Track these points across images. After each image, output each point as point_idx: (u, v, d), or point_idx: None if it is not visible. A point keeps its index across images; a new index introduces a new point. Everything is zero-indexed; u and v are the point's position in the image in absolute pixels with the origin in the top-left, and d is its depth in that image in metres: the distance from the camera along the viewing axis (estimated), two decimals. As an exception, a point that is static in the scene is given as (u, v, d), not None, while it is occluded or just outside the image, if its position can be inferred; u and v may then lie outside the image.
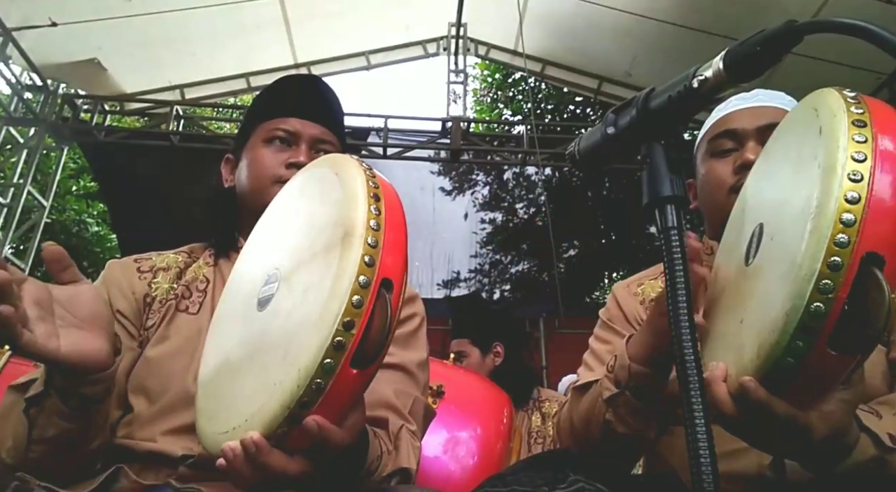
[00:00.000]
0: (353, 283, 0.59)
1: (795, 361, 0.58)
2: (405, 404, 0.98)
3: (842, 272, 0.54)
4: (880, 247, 0.54)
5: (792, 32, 0.56)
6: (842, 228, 0.54)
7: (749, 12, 4.52)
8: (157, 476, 0.88)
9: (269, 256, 0.78)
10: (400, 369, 1.02)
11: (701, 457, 0.53)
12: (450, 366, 2.34)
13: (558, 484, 0.85)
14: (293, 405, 0.59)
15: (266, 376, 0.63)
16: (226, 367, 0.75)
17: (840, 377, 0.61)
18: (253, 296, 0.75)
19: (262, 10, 5.37)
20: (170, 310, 1.02)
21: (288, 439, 0.61)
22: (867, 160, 0.55)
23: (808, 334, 0.56)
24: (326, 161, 0.78)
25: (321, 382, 0.58)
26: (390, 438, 0.89)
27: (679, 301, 0.58)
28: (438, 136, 6.01)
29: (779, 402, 0.62)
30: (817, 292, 0.55)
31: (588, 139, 0.76)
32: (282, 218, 0.83)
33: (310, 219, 0.73)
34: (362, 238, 0.61)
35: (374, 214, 0.64)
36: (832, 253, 0.54)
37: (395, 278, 0.62)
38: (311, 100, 1.14)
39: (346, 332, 0.59)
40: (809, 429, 0.64)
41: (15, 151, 5.65)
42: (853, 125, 0.57)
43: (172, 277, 1.07)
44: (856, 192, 0.54)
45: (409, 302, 1.11)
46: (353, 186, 0.66)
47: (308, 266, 0.67)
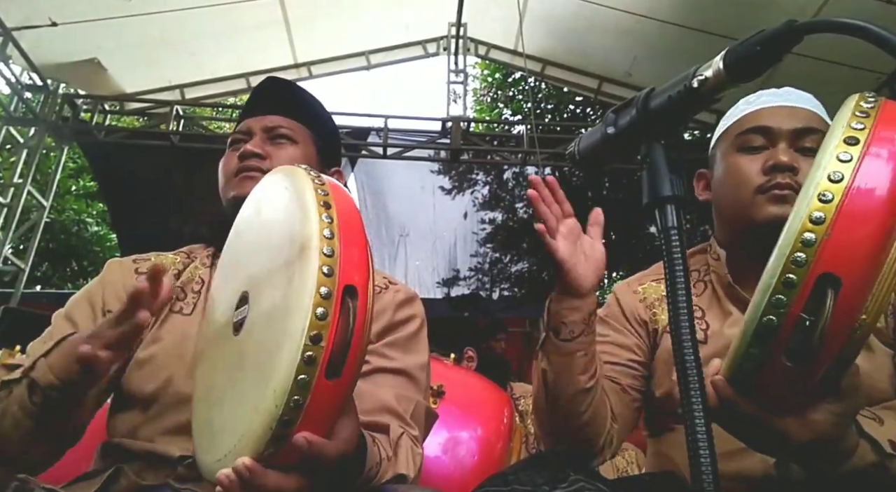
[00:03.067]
0: (314, 295, 0.59)
1: (752, 367, 0.61)
2: (406, 409, 0.97)
3: (795, 290, 0.56)
4: (838, 269, 0.54)
5: (792, 32, 0.56)
6: (800, 247, 0.55)
7: (749, 12, 4.52)
8: (156, 476, 0.88)
9: (238, 278, 0.78)
10: (401, 373, 1.01)
11: (701, 457, 0.53)
12: (450, 366, 2.34)
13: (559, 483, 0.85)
14: (275, 425, 0.59)
15: (247, 400, 0.63)
16: (212, 397, 0.74)
17: (805, 385, 0.62)
18: (228, 320, 0.74)
19: (262, 10, 5.37)
20: (163, 311, 1.02)
21: (279, 458, 0.61)
22: (843, 180, 0.55)
23: (762, 344, 0.59)
24: (278, 174, 0.77)
25: (298, 398, 0.58)
26: (391, 444, 0.89)
27: (679, 301, 0.58)
28: (438, 136, 6.00)
29: (744, 402, 0.65)
30: (770, 306, 0.57)
31: (588, 139, 0.76)
32: (245, 237, 0.83)
33: (268, 236, 0.73)
34: (317, 249, 0.61)
35: (325, 222, 0.63)
36: (788, 270, 0.56)
37: (358, 283, 0.62)
38: (265, 95, 1.17)
39: (314, 345, 0.58)
40: (785, 433, 0.66)
41: (15, 151, 5.64)
42: (844, 142, 0.57)
43: (170, 278, 1.06)
44: (822, 212, 0.55)
45: (408, 303, 1.11)
46: (303, 198, 0.66)
47: (271, 284, 0.67)
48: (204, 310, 1.02)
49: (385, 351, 1.02)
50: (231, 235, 0.87)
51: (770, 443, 0.70)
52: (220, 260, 0.89)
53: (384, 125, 5.88)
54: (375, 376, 0.98)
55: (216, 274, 0.90)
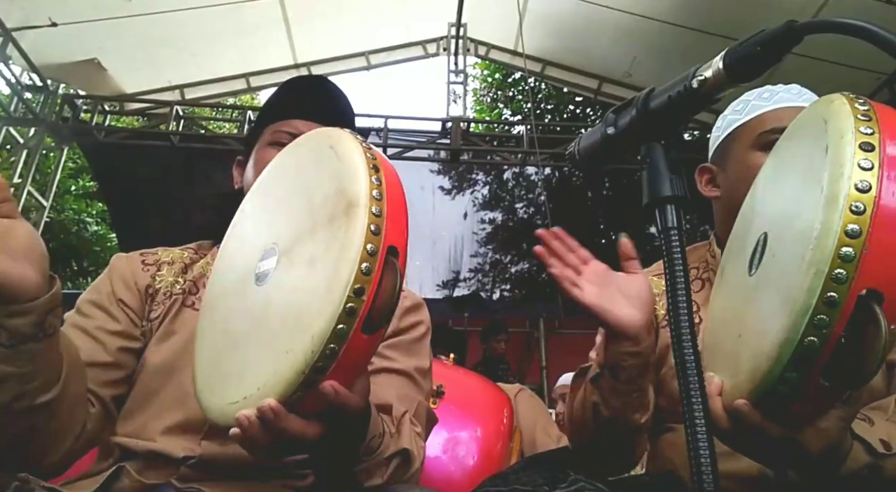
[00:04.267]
0: (361, 251, 0.61)
1: (788, 391, 0.58)
2: (409, 408, 0.98)
3: (838, 309, 0.52)
4: (879, 283, 0.52)
5: (792, 32, 0.56)
6: (840, 264, 0.52)
7: (749, 12, 4.52)
8: (158, 475, 0.88)
9: (263, 231, 0.78)
10: (403, 374, 1.02)
11: (701, 457, 0.53)
12: (449, 366, 2.34)
13: (559, 483, 0.85)
14: (308, 370, 0.60)
15: (275, 344, 0.64)
16: (225, 341, 0.75)
17: (834, 404, 0.61)
18: (249, 272, 0.75)
19: (262, 10, 5.37)
20: (175, 304, 1.02)
21: (303, 404, 0.62)
22: (871, 190, 0.52)
23: (801, 367, 0.56)
24: (320, 135, 0.78)
25: (335, 346, 0.60)
26: (393, 421, 0.90)
27: (679, 301, 0.58)
28: (438, 136, 6.01)
29: (772, 425, 0.63)
30: (812, 327, 0.54)
31: (588, 139, 0.76)
32: (273, 193, 0.83)
33: (306, 192, 0.73)
34: (366, 208, 0.63)
35: (375, 184, 0.65)
36: (829, 289, 0.52)
37: (399, 246, 0.64)
38: (316, 101, 1.14)
39: (356, 298, 0.60)
40: (804, 445, 0.65)
41: (15, 151, 5.64)
42: (860, 149, 0.54)
43: (177, 271, 1.07)
44: (857, 225, 0.52)
45: (414, 310, 1.11)
46: (352, 158, 0.67)
47: (311, 238, 0.68)
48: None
49: (388, 353, 1.03)
50: (254, 189, 0.87)
51: (787, 457, 0.68)
52: (240, 213, 0.89)
53: (384, 125, 5.88)
54: (377, 376, 0.99)
55: (233, 225, 0.89)
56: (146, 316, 1.02)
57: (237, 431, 0.63)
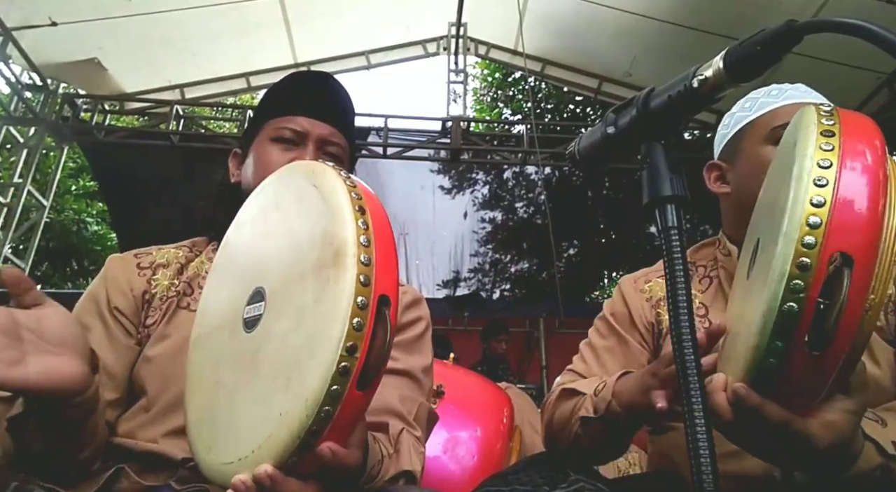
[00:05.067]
0: (351, 305, 0.58)
1: (778, 362, 0.60)
2: (410, 411, 0.97)
3: (811, 272, 0.56)
4: (848, 246, 0.56)
5: (792, 32, 0.56)
6: (808, 231, 0.57)
7: (749, 12, 4.52)
8: (157, 477, 0.88)
9: (249, 272, 0.76)
10: (405, 374, 1.01)
11: (701, 457, 0.53)
12: (449, 366, 2.34)
13: (559, 483, 0.85)
14: (303, 434, 0.58)
15: (270, 404, 0.62)
16: (218, 391, 0.73)
17: (828, 377, 0.61)
18: (237, 315, 0.73)
19: (262, 10, 5.37)
20: (171, 307, 1.01)
21: (300, 467, 0.61)
22: (832, 167, 0.58)
23: (785, 334, 0.58)
24: (300, 170, 0.74)
25: (329, 409, 0.58)
26: (390, 441, 0.89)
27: (679, 301, 0.58)
28: (438, 135, 6.01)
29: (771, 405, 0.63)
30: (789, 292, 0.57)
31: (588, 139, 0.76)
32: (256, 230, 0.81)
33: (290, 234, 0.71)
34: (355, 257, 0.60)
35: (362, 229, 0.62)
36: (801, 254, 0.57)
37: (390, 293, 0.62)
38: (321, 98, 1.12)
39: (349, 356, 0.58)
40: (811, 437, 0.64)
41: (15, 151, 5.64)
42: (821, 135, 0.61)
43: (173, 273, 1.06)
44: (821, 196, 0.57)
45: (414, 306, 1.10)
46: (337, 200, 0.64)
47: (298, 286, 0.65)
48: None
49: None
50: (236, 222, 0.85)
51: (794, 450, 0.67)
52: (225, 242, 0.87)
53: (384, 125, 5.89)
54: None
55: (218, 255, 0.87)
56: (142, 322, 1.01)
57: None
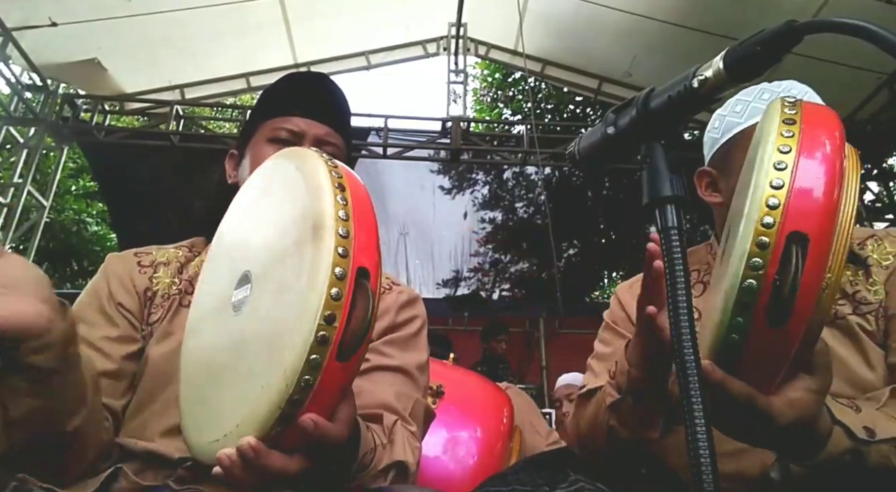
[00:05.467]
0: (329, 275, 0.59)
1: (740, 338, 0.63)
2: (405, 407, 0.97)
3: (769, 250, 0.60)
4: (804, 226, 0.59)
5: (792, 32, 0.56)
6: (767, 211, 0.60)
7: (749, 12, 4.52)
8: (155, 477, 0.88)
9: (238, 257, 0.77)
10: (400, 371, 1.01)
11: (701, 457, 0.53)
12: (449, 366, 2.34)
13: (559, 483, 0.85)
14: (284, 405, 0.59)
15: (252, 379, 0.63)
16: (206, 374, 0.73)
17: (787, 353, 0.63)
18: (226, 300, 0.73)
19: (262, 10, 5.37)
20: (173, 305, 1.02)
21: (283, 439, 0.61)
22: (791, 151, 0.62)
23: (746, 310, 0.61)
24: (286, 155, 0.76)
25: (309, 378, 0.58)
26: (384, 431, 0.89)
27: (679, 301, 0.58)
28: (438, 135, 6.01)
29: (734, 381, 0.65)
30: (749, 269, 0.60)
31: (588, 139, 0.76)
32: (246, 217, 0.82)
33: (275, 216, 0.72)
34: (333, 229, 0.61)
35: (340, 204, 0.63)
36: (760, 233, 0.60)
37: (370, 266, 0.62)
38: (318, 98, 1.12)
39: (328, 325, 0.58)
40: (772, 413, 0.66)
41: (15, 151, 5.64)
42: (783, 123, 0.64)
43: (173, 271, 1.07)
44: (780, 179, 0.61)
45: (410, 305, 1.11)
46: (317, 178, 0.66)
47: (280, 265, 0.66)
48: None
49: (384, 349, 1.02)
50: (229, 212, 0.86)
51: (756, 427, 0.69)
52: (218, 232, 0.87)
53: (384, 125, 5.89)
54: (374, 374, 0.98)
55: (212, 245, 0.88)
56: (146, 320, 1.01)
57: (219, 470, 0.61)
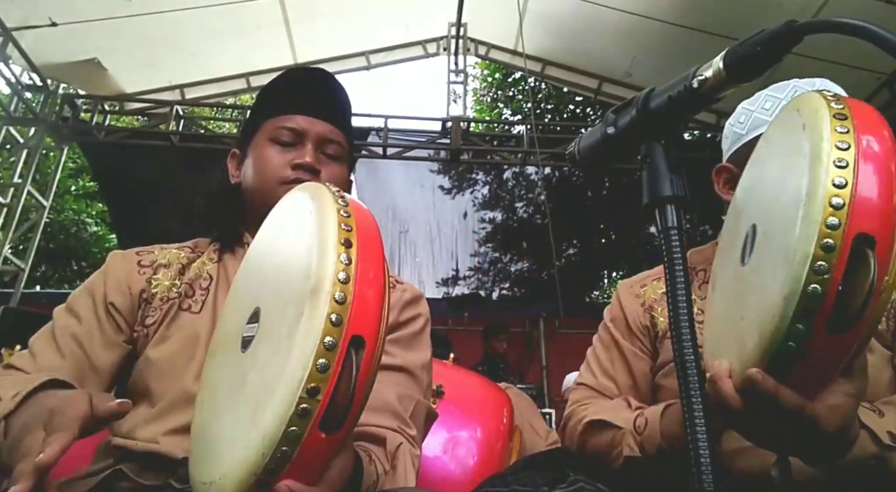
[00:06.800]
0: (317, 345, 0.57)
1: (797, 346, 0.59)
2: (406, 409, 0.97)
3: (835, 253, 0.56)
4: (870, 227, 0.56)
5: (792, 32, 0.56)
6: (832, 212, 0.56)
7: (749, 12, 4.52)
8: (157, 477, 0.87)
9: (254, 289, 0.76)
10: (403, 371, 1.01)
11: (701, 457, 0.53)
12: (449, 366, 2.34)
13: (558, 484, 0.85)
14: (260, 473, 0.57)
15: (238, 432, 0.62)
16: (212, 408, 0.73)
17: (842, 361, 0.61)
18: (239, 333, 0.73)
19: (262, 10, 5.37)
20: (172, 308, 1.01)
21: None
22: (851, 148, 0.58)
23: (808, 316, 0.57)
24: (306, 191, 0.74)
25: (287, 450, 0.57)
26: (388, 457, 0.88)
27: (679, 301, 0.58)
28: (438, 135, 6.02)
29: (786, 391, 0.61)
30: (813, 274, 0.56)
31: (588, 139, 0.76)
32: (266, 248, 0.81)
33: (285, 263, 0.70)
34: (329, 294, 0.58)
35: (343, 263, 0.60)
36: (824, 235, 0.56)
37: (367, 333, 0.59)
38: (319, 96, 1.10)
39: (310, 399, 0.56)
40: (818, 421, 0.63)
41: (15, 151, 5.64)
42: (835, 118, 0.60)
43: (174, 273, 1.05)
44: (842, 177, 0.57)
45: (413, 303, 1.10)
46: (324, 231, 0.63)
47: (280, 315, 0.64)
48: (214, 307, 1.01)
49: (388, 348, 1.01)
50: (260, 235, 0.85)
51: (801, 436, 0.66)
52: (247, 254, 0.86)
53: (384, 125, 5.89)
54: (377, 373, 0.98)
55: (240, 271, 0.87)
56: (140, 321, 1.01)
57: None
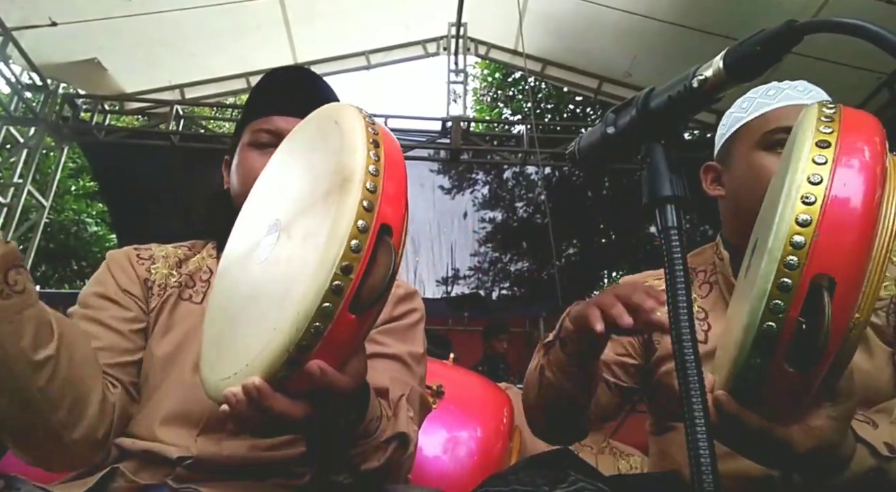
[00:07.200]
0: (351, 227, 0.59)
1: (755, 377, 0.60)
2: (403, 392, 0.97)
3: (791, 293, 0.55)
4: (831, 268, 0.55)
5: (792, 32, 0.56)
6: (791, 251, 0.55)
7: (749, 12, 4.51)
8: (153, 476, 0.87)
9: (270, 208, 0.78)
10: (396, 358, 1.01)
11: (701, 457, 0.53)
12: (449, 366, 2.34)
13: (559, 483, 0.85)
14: (292, 349, 0.59)
15: (265, 321, 0.64)
16: (226, 315, 0.75)
17: (808, 393, 0.61)
18: (255, 245, 0.75)
19: (262, 10, 5.37)
20: (171, 297, 1.02)
21: (290, 383, 0.61)
22: (822, 182, 0.56)
23: (763, 352, 0.58)
24: (327, 110, 0.77)
25: (320, 325, 0.59)
26: (390, 405, 0.89)
27: (679, 301, 0.58)
28: (438, 135, 6.01)
29: (750, 415, 0.63)
30: (769, 312, 0.57)
31: (588, 139, 0.76)
32: (284, 168, 0.83)
33: (310, 168, 0.73)
34: (360, 183, 0.61)
35: (373, 159, 0.63)
36: (782, 274, 0.56)
37: (394, 224, 0.62)
38: (295, 95, 1.10)
39: (344, 276, 0.58)
40: (789, 442, 0.64)
41: (15, 151, 5.64)
42: (816, 146, 0.58)
43: (172, 264, 1.07)
44: (807, 215, 0.55)
45: (408, 298, 1.11)
46: (352, 133, 0.67)
47: (308, 214, 0.67)
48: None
49: (381, 338, 1.02)
50: (269, 165, 0.87)
51: (775, 455, 0.68)
52: (258, 180, 0.88)
53: (384, 125, 5.86)
54: (371, 361, 0.97)
55: (252, 192, 0.89)
56: (147, 308, 1.03)
57: (226, 408, 0.63)
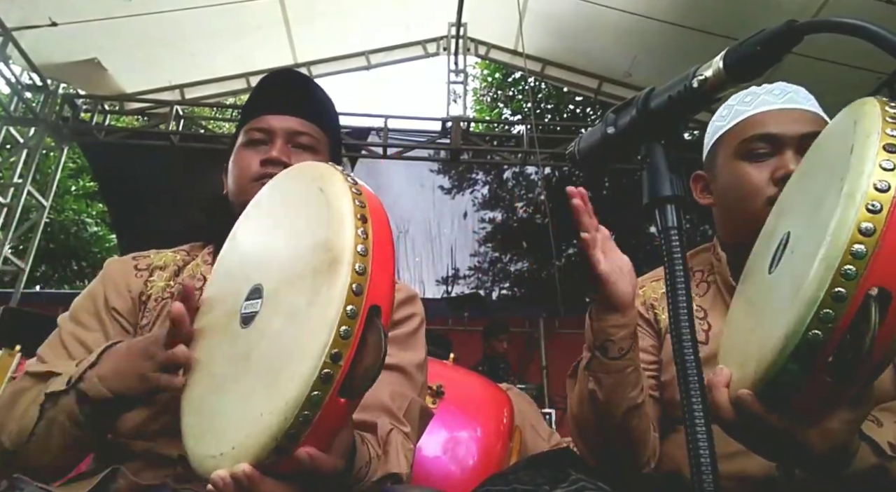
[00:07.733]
0: (340, 313, 0.59)
1: (789, 383, 0.58)
2: (400, 407, 0.97)
3: (845, 304, 0.53)
4: (888, 282, 0.52)
5: (792, 32, 0.56)
6: (850, 259, 0.52)
7: (749, 12, 4.51)
8: (154, 476, 0.88)
9: (252, 267, 0.77)
10: (398, 369, 1.01)
11: (701, 457, 0.53)
12: (449, 366, 2.34)
13: (559, 483, 0.85)
14: (281, 437, 0.59)
15: (251, 400, 0.63)
16: (210, 384, 0.74)
17: (839, 401, 0.60)
18: (236, 310, 0.74)
19: (262, 10, 5.37)
20: (165, 307, 1.01)
21: (278, 467, 0.61)
22: (890, 190, 0.53)
23: (804, 360, 0.56)
24: (310, 171, 0.76)
25: (308, 413, 0.58)
26: (379, 443, 0.89)
27: (679, 301, 0.58)
28: (438, 135, 6.01)
29: (774, 417, 0.63)
30: (817, 321, 0.54)
31: (588, 139, 0.76)
32: (263, 226, 0.82)
33: (293, 236, 0.72)
34: (349, 265, 0.61)
35: (361, 238, 0.63)
36: (837, 284, 0.53)
37: (383, 304, 0.62)
38: (284, 94, 1.13)
39: (333, 364, 0.58)
40: (807, 444, 0.64)
41: (15, 151, 5.64)
42: (884, 150, 0.55)
43: (169, 275, 1.07)
44: (871, 223, 0.52)
45: (408, 302, 1.10)
46: (340, 207, 0.65)
47: (293, 288, 0.66)
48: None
49: None
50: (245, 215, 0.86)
51: (790, 454, 0.67)
52: (232, 234, 0.88)
53: (384, 125, 5.89)
54: None
55: (225, 247, 0.88)
56: (137, 323, 1.02)
57: (212, 489, 0.62)
